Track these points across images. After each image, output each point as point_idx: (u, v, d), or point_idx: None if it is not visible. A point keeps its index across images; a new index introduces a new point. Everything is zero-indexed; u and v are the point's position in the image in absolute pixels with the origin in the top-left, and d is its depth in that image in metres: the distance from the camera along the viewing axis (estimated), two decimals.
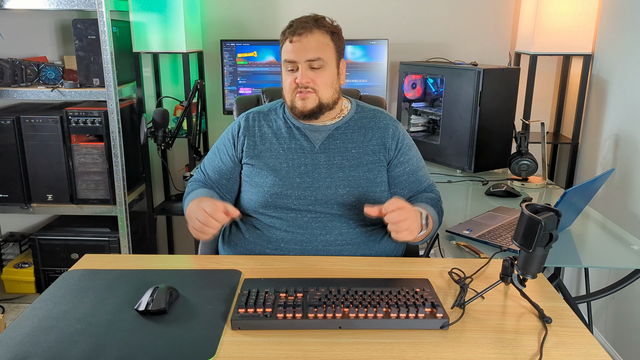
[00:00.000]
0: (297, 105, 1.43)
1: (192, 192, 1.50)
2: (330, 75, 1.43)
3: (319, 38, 1.40)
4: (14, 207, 2.62)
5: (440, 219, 1.50)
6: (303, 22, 1.41)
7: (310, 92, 1.41)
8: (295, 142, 1.47)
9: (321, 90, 1.42)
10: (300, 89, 1.41)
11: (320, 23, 1.42)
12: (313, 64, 1.40)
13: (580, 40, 2.51)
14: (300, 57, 1.39)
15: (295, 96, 1.43)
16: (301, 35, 1.39)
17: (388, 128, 1.50)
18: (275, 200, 1.42)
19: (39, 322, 1.04)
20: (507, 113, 2.34)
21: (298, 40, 1.40)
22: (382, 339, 1.00)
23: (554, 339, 1.01)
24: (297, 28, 1.40)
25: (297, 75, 1.40)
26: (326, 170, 1.44)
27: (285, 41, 1.43)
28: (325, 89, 1.43)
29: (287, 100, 1.46)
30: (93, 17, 2.42)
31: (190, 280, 1.21)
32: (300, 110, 1.43)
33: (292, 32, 1.41)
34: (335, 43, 1.44)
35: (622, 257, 1.55)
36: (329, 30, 1.42)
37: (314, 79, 1.41)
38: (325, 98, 1.43)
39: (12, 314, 2.64)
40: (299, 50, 1.39)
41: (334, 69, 1.44)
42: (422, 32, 2.81)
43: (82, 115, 2.52)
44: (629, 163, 2.21)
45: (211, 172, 1.54)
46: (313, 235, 1.41)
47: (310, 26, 1.40)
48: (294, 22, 1.42)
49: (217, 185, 1.52)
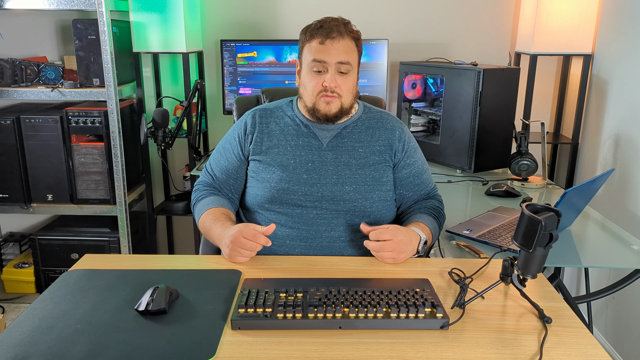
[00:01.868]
0: (320, 108, 1.43)
1: (202, 199, 1.50)
2: (353, 81, 1.45)
3: (348, 43, 1.41)
4: (14, 207, 2.62)
5: (440, 228, 1.52)
6: (335, 25, 1.40)
7: (335, 96, 1.41)
8: (303, 140, 1.48)
9: (345, 96, 1.43)
10: (326, 93, 1.41)
11: (349, 28, 1.43)
12: (342, 67, 1.40)
13: (580, 40, 2.51)
14: (332, 59, 1.39)
15: (320, 99, 1.42)
16: (334, 39, 1.39)
17: (395, 130, 1.52)
18: (282, 195, 1.43)
19: (39, 322, 1.04)
20: (507, 113, 2.34)
21: (331, 43, 1.39)
22: (382, 339, 1.00)
23: (554, 339, 1.01)
24: (330, 31, 1.39)
25: (326, 79, 1.40)
26: (333, 168, 1.45)
27: (314, 41, 1.41)
28: (348, 95, 1.44)
29: (308, 101, 1.44)
30: (93, 17, 2.42)
31: (190, 280, 1.21)
32: (324, 113, 1.43)
33: (324, 34, 1.39)
34: (358, 49, 1.46)
35: (622, 257, 1.55)
36: (355, 36, 1.44)
37: (341, 84, 1.41)
38: (346, 103, 1.44)
39: (12, 314, 2.64)
40: (330, 52, 1.39)
41: (356, 75, 1.46)
42: (422, 32, 2.81)
43: (82, 115, 2.52)
44: (629, 163, 2.21)
45: (218, 172, 1.54)
46: (318, 231, 1.42)
47: (342, 30, 1.40)
48: (323, 23, 1.41)
49: (225, 185, 1.52)
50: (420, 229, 1.39)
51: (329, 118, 1.44)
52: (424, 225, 1.41)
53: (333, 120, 1.46)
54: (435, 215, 1.49)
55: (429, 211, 1.49)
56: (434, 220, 1.47)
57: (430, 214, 1.48)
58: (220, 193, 1.53)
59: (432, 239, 1.43)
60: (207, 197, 1.50)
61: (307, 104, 1.45)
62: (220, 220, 1.39)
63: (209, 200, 1.48)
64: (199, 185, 1.56)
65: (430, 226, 1.43)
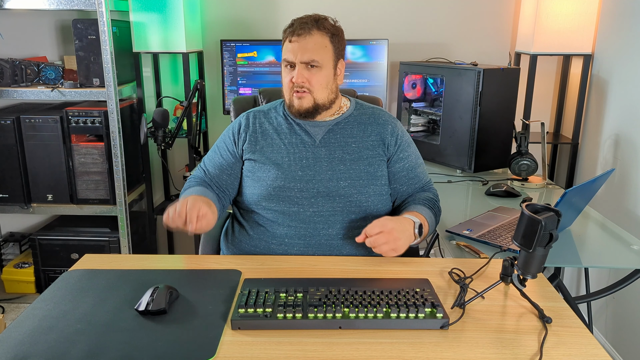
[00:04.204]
0: (294, 104, 1.46)
1: (188, 188, 1.51)
2: (325, 77, 1.45)
3: (317, 39, 1.42)
4: (14, 207, 2.62)
5: (437, 219, 1.51)
6: (303, 23, 1.43)
7: (306, 92, 1.44)
8: (296, 137, 1.49)
9: (316, 91, 1.44)
10: (296, 88, 1.44)
11: (321, 24, 1.44)
12: (309, 64, 1.42)
13: (580, 40, 2.51)
14: (297, 57, 1.42)
15: (292, 95, 1.46)
16: (300, 36, 1.42)
17: (387, 125, 1.53)
18: (278, 193, 1.43)
19: (39, 322, 1.04)
20: (507, 113, 2.34)
21: (296, 41, 1.42)
22: (382, 339, 1.00)
23: (554, 339, 1.01)
24: (297, 28, 1.43)
25: (294, 74, 1.43)
26: (327, 164, 1.46)
27: (286, 40, 1.45)
28: (320, 90, 1.45)
29: (286, 98, 1.49)
30: (93, 17, 2.42)
31: (190, 280, 1.21)
32: (296, 109, 1.46)
33: (291, 32, 1.43)
34: (334, 45, 1.46)
35: (622, 257, 1.55)
36: (328, 32, 1.44)
37: (309, 79, 1.43)
38: (320, 98, 1.46)
39: (12, 314, 2.64)
40: (296, 50, 1.42)
41: (331, 70, 1.46)
42: (422, 32, 2.81)
43: (82, 115, 2.52)
44: (628, 163, 2.21)
45: (211, 168, 1.54)
46: (316, 229, 1.42)
47: (309, 27, 1.42)
48: (295, 22, 1.45)
49: (217, 180, 1.52)
50: (413, 215, 1.38)
51: (302, 114, 1.46)
52: (417, 213, 1.41)
53: (310, 116, 1.47)
54: (429, 206, 1.48)
55: (422, 202, 1.49)
56: (428, 210, 1.46)
57: (424, 204, 1.48)
58: (209, 188, 1.53)
59: (428, 226, 1.42)
60: (194, 186, 1.51)
61: (286, 101, 1.49)
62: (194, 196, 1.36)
63: (195, 189, 1.48)
64: (190, 179, 1.57)
65: (425, 214, 1.43)
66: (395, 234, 1.29)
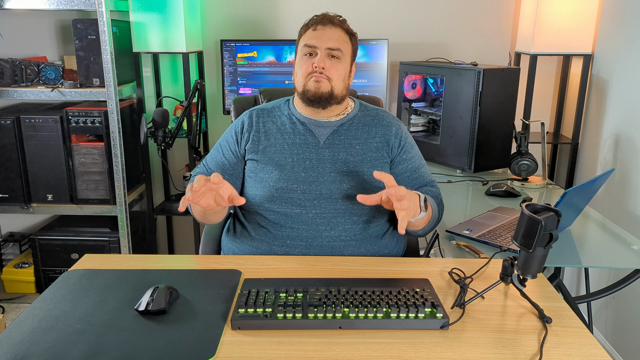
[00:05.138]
0: (310, 88, 1.44)
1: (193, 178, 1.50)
2: (344, 69, 1.47)
3: (340, 34, 1.47)
4: (14, 207, 2.62)
5: (440, 211, 1.50)
6: (329, 16, 1.48)
7: (325, 78, 1.44)
8: (300, 137, 1.48)
9: (334, 80, 1.45)
10: (315, 73, 1.43)
11: (344, 23, 1.50)
12: (332, 52, 1.44)
13: (580, 40, 2.51)
14: (322, 43, 1.44)
15: (310, 79, 1.44)
16: (325, 25, 1.46)
17: (391, 126, 1.53)
18: (281, 194, 1.43)
19: (39, 322, 1.04)
20: (507, 113, 2.34)
21: (322, 29, 1.45)
22: (382, 339, 1.00)
23: (554, 339, 1.01)
24: (323, 19, 1.47)
25: (315, 60, 1.44)
26: (331, 165, 1.45)
27: (308, 30, 1.48)
28: (339, 80, 1.46)
29: (299, 85, 1.47)
30: (93, 17, 2.42)
31: (190, 280, 1.21)
32: (313, 92, 1.44)
33: (317, 22, 1.47)
34: (352, 45, 1.50)
35: (622, 257, 1.55)
36: (349, 32, 1.50)
37: (330, 67, 1.44)
38: (337, 89, 1.46)
39: (12, 314, 2.64)
40: (321, 37, 1.45)
41: (348, 66, 1.49)
42: (422, 32, 2.81)
43: (82, 115, 2.52)
44: (628, 163, 2.21)
45: (213, 167, 1.54)
46: (318, 231, 1.42)
47: (335, 21, 1.48)
48: (318, 15, 1.49)
49: None
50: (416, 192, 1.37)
51: (317, 98, 1.44)
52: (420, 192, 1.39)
53: (323, 104, 1.46)
54: (432, 195, 1.47)
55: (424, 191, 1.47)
56: (431, 198, 1.45)
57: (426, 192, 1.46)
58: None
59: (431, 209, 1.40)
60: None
61: (299, 88, 1.47)
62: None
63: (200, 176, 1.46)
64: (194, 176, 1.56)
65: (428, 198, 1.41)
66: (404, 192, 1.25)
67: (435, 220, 1.47)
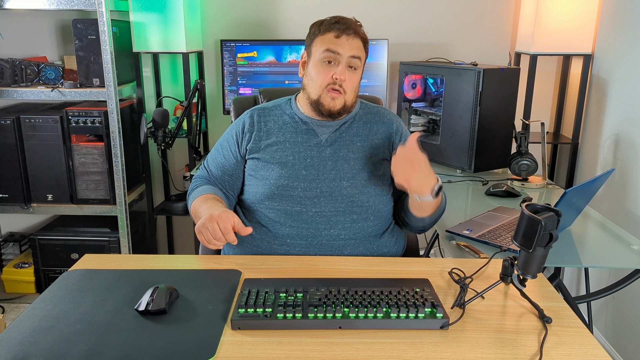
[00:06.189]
0: (325, 103, 1.43)
1: (196, 188, 1.51)
2: (359, 80, 1.48)
3: (359, 42, 1.45)
4: (14, 207, 2.62)
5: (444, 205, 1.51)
6: (351, 23, 1.45)
7: (341, 92, 1.42)
8: (302, 136, 1.48)
9: (349, 93, 1.44)
10: (334, 86, 1.42)
11: (360, 28, 1.47)
12: (352, 62, 1.42)
13: (580, 40, 2.51)
14: (347, 52, 1.41)
15: (327, 93, 1.43)
16: (349, 35, 1.42)
17: (392, 123, 1.54)
18: (281, 192, 1.43)
19: (39, 322, 1.04)
20: (507, 113, 2.34)
21: (346, 39, 1.42)
22: (382, 339, 1.00)
23: (554, 339, 1.01)
24: (347, 27, 1.43)
25: (337, 71, 1.41)
26: (332, 163, 1.46)
27: (329, 34, 1.43)
28: (353, 92, 1.46)
29: (314, 92, 1.45)
30: (93, 17, 2.42)
31: (190, 280, 1.21)
32: (328, 108, 1.43)
33: (341, 29, 1.42)
34: (366, 52, 1.49)
35: (622, 257, 1.55)
36: (363, 39, 1.47)
37: (348, 80, 1.43)
38: (349, 101, 1.46)
39: (12, 314, 2.64)
40: (345, 45, 1.41)
41: (361, 75, 1.49)
42: (422, 32, 2.81)
43: (82, 115, 2.52)
44: (628, 163, 2.21)
45: (214, 168, 1.55)
46: (318, 230, 1.42)
47: (356, 29, 1.44)
48: (340, 19, 1.44)
49: (220, 181, 1.53)
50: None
51: (332, 114, 1.45)
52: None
53: (335, 117, 1.47)
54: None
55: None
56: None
57: None
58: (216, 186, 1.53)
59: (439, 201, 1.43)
60: (201, 185, 1.51)
61: (312, 95, 1.45)
62: (211, 201, 1.39)
63: (203, 188, 1.49)
64: (195, 178, 1.57)
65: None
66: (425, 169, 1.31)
67: (440, 212, 1.48)
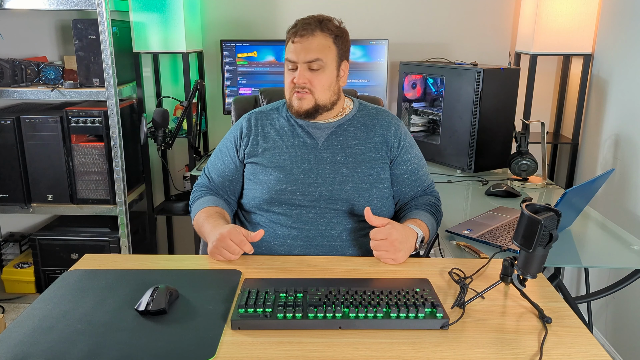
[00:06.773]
0: (293, 105, 1.46)
1: (197, 199, 1.51)
2: (328, 78, 1.44)
3: (320, 40, 1.42)
4: (14, 207, 2.62)
5: (438, 224, 1.52)
6: (306, 23, 1.42)
7: (307, 92, 1.43)
8: (299, 139, 1.48)
9: (318, 92, 1.44)
10: (297, 89, 1.43)
11: (325, 25, 1.43)
12: (312, 65, 1.41)
13: (580, 40, 2.51)
14: (300, 57, 1.41)
15: (293, 95, 1.45)
16: (302, 37, 1.41)
17: (390, 126, 1.52)
18: (280, 196, 1.43)
19: (39, 322, 1.04)
20: (507, 113, 2.34)
21: (299, 42, 1.41)
22: (382, 339, 1.00)
23: (554, 339, 1.01)
24: (300, 29, 1.42)
25: (295, 75, 1.42)
26: (330, 167, 1.45)
27: (289, 41, 1.45)
28: (322, 91, 1.44)
29: (287, 98, 1.49)
30: (93, 17, 2.42)
31: (190, 280, 1.21)
32: (296, 109, 1.46)
33: (294, 33, 1.42)
34: (337, 46, 1.45)
35: (622, 257, 1.55)
36: (332, 33, 1.43)
37: (311, 80, 1.42)
38: (321, 100, 1.45)
39: (12, 314, 2.64)
40: (299, 50, 1.41)
41: (333, 71, 1.45)
42: (422, 32, 2.81)
43: (82, 115, 2.52)
44: (629, 163, 2.21)
45: (214, 175, 1.55)
46: (318, 231, 1.42)
47: (312, 28, 1.41)
48: (298, 22, 1.44)
49: (221, 188, 1.53)
50: (417, 225, 1.38)
51: (302, 114, 1.45)
52: (420, 222, 1.41)
53: (310, 117, 1.47)
54: (432, 212, 1.48)
55: (425, 207, 1.49)
56: (431, 216, 1.46)
57: (427, 210, 1.48)
58: (217, 195, 1.53)
59: (429, 235, 1.43)
60: (203, 197, 1.52)
61: (287, 101, 1.49)
62: (213, 217, 1.40)
63: (204, 199, 1.49)
64: (196, 187, 1.58)
65: (427, 222, 1.43)
66: (397, 245, 1.30)
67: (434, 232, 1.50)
